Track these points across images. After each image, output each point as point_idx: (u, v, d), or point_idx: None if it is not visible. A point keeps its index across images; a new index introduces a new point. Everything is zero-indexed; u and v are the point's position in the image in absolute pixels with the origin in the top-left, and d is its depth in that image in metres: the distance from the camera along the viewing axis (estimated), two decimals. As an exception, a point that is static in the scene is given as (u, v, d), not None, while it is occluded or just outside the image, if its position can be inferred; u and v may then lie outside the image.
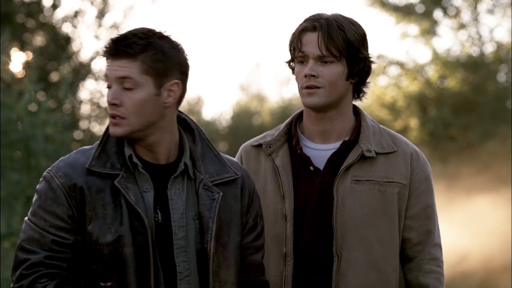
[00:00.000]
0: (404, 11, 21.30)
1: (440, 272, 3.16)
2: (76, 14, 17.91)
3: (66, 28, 17.97)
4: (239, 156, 3.24)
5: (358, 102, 3.23)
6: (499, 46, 20.96)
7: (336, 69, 3.08)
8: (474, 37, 21.21)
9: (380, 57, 21.28)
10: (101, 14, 18.18)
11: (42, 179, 2.77)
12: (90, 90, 18.06)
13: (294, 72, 3.15)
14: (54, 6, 17.71)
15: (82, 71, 17.82)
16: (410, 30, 21.65)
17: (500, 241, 15.81)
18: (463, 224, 16.56)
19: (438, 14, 21.38)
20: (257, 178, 3.13)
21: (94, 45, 19.48)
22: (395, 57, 22.15)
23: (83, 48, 18.15)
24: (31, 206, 2.77)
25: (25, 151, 8.27)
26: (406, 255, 3.16)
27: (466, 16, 21.30)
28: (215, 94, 51.89)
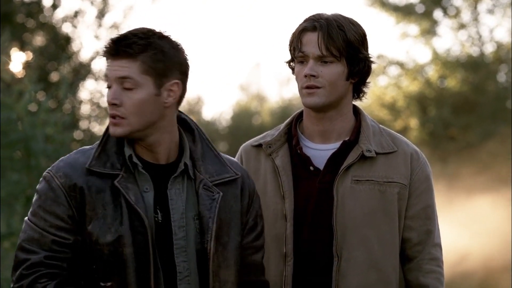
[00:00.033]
0: (404, 11, 21.29)
1: (440, 272, 3.16)
2: (76, 14, 17.91)
3: (66, 28, 17.97)
4: (239, 156, 3.24)
5: (358, 102, 3.22)
6: (499, 46, 20.95)
7: (336, 69, 3.08)
8: (474, 37, 21.20)
9: (380, 57, 21.27)
10: (101, 14, 18.17)
11: (42, 179, 2.77)
12: (90, 90, 18.07)
13: (294, 72, 3.15)
14: (54, 6, 17.71)
15: (82, 71, 17.82)
16: (410, 30, 21.65)
17: (500, 241, 15.80)
18: (463, 224, 16.55)
19: (438, 14, 21.37)
20: (257, 178, 3.13)
21: (94, 45, 19.49)
22: (395, 57, 22.17)
23: (83, 48, 18.16)
24: (31, 206, 2.77)
25: (25, 151, 8.27)
26: (406, 255, 3.15)
27: (466, 16, 21.29)
28: (215, 94, 51.93)
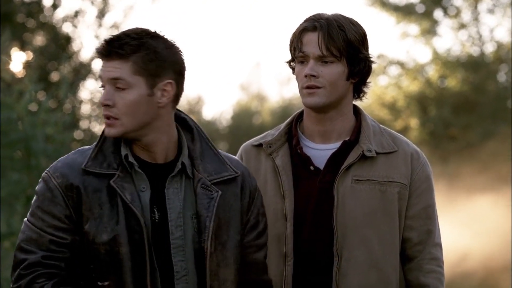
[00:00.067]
0: (404, 11, 21.29)
1: (440, 272, 3.16)
2: (76, 14, 17.93)
3: (67, 28, 17.99)
4: (240, 155, 3.24)
5: (358, 102, 3.22)
6: (499, 46, 20.95)
7: (336, 69, 3.08)
8: (474, 37, 21.19)
9: (380, 57, 21.27)
10: (101, 14, 18.19)
11: (41, 180, 2.77)
12: (90, 90, 18.10)
13: (294, 72, 3.15)
14: (54, 6, 17.73)
15: (83, 71, 17.84)
16: (410, 30, 21.64)
17: (500, 241, 15.79)
18: (464, 224, 16.55)
19: (438, 14, 21.37)
20: (257, 178, 3.12)
21: (94, 45, 19.46)
22: (396, 57, 22.12)
23: (84, 48, 18.19)
24: (30, 207, 2.77)
25: (25, 151, 8.26)
26: (406, 255, 3.15)
27: (466, 16, 21.29)
28: (215, 93, 51.99)
